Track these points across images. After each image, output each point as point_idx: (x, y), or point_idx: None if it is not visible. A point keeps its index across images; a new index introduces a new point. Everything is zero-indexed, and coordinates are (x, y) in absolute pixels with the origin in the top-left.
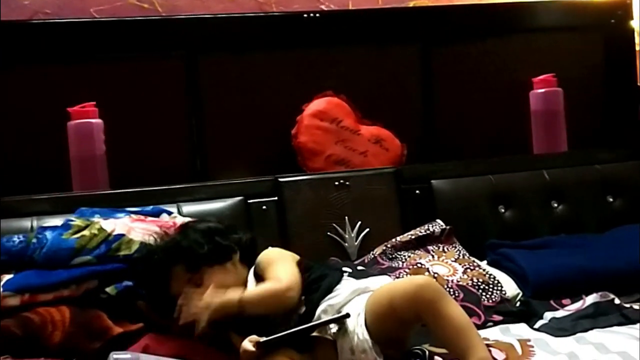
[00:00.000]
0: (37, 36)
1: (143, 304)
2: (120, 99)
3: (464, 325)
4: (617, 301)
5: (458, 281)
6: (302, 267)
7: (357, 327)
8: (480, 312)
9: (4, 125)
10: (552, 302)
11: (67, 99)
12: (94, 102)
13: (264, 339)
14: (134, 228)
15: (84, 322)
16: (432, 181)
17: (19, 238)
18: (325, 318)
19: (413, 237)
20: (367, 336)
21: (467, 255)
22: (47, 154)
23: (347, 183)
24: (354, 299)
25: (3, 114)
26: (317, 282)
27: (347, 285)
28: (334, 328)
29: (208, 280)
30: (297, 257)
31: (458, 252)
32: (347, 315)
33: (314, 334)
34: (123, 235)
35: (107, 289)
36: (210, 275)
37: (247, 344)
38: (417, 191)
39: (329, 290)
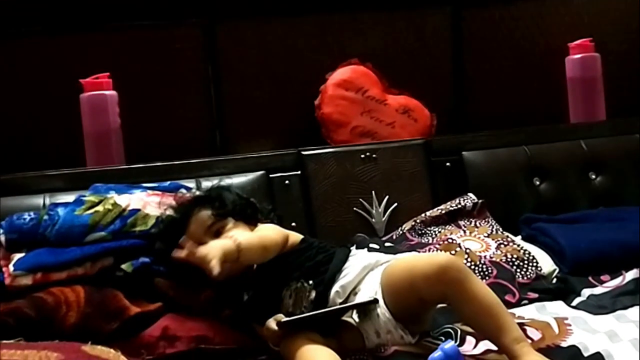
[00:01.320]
0: (48, 4)
1: (162, 281)
2: (135, 70)
3: (493, 304)
4: None
5: (491, 257)
6: (304, 245)
7: (378, 307)
8: (515, 290)
9: (14, 98)
10: (590, 278)
11: (79, 70)
12: (108, 73)
13: (286, 318)
14: (150, 202)
15: (99, 302)
16: (464, 153)
17: (30, 215)
18: (339, 301)
19: (443, 211)
20: (389, 316)
21: (501, 230)
22: (59, 128)
23: (374, 156)
24: (366, 277)
25: (13, 87)
26: (324, 264)
27: (355, 263)
28: (355, 314)
29: (228, 232)
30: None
31: (491, 227)
32: (376, 301)
33: (343, 318)
34: (139, 210)
35: (123, 267)
36: (232, 228)
37: (271, 323)
38: (448, 163)
39: (338, 270)
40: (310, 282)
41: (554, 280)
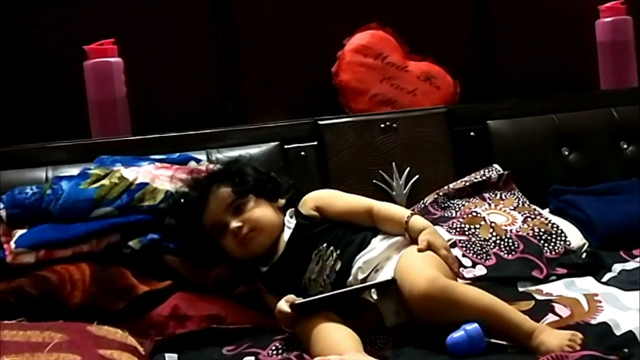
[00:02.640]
0: None
1: (172, 258)
2: (141, 35)
3: (490, 307)
4: None
5: (518, 231)
6: None
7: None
8: (543, 265)
9: (15, 66)
10: (621, 253)
11: (83, 36)
12: (113, 39)
13: (301, 300)
14: (159, 176)
15: (106, 280)
16: (488, 122)
17: (32, 189)
18: (361, 276)
19: (467, 183)
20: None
21: (528, 202)
22: (62, 97)
23: (395, 125)
24: (392, 256)
25: (14, 54)
26: (349, 235)
27: (380, 240)
28: (374, 292)
29: (249, 211)
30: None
31: (517, 199)
32: (394, 281)
33: (362, 296)
34: (147, 183)
35: (131, 243)
36: (253, 206)
37: (283, 305)
38: (472, 133)
39: (363, 243)
40: (338, 251)
41: (584, 255)
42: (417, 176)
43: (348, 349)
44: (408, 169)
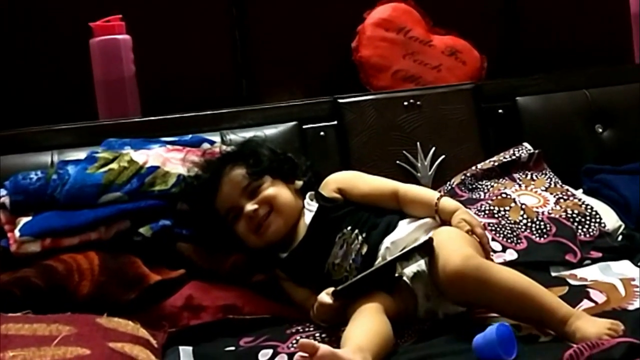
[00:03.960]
0: None
1: (185, 245)
2: (150, 11)
3: (525, 289)
4: None
5: (550, 213)
6: None
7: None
8: (576, 248)
9: (17, 45)
10: None
11: (88, 12)
12: (120, 15)
13: (341, 286)
14: (170, 159)
15: (115, 270)
16: (517, 98)
17: (37, 174)
18: (389, 256)
19: (496, 163)
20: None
21: (560, 183)
22: (67, 77)
23: (419, 103)
24: (421, 237)
25: (15, 32)
26: (374, 218)
27: (407, 222)
28: (407, 271)
29: (265, 192)
30: None
31: (549, 179)
32: (429, 242)
33: (397, 274)
34: (158, 167)
35: (141, 230)
36: (269, 187)
37: (325, 297)
38: (500, 110)
39: (390, 226)
40: (364, 234)
41: (620, 238)
42: (442, 156)
43: (355, 344)
44: (433, 149)
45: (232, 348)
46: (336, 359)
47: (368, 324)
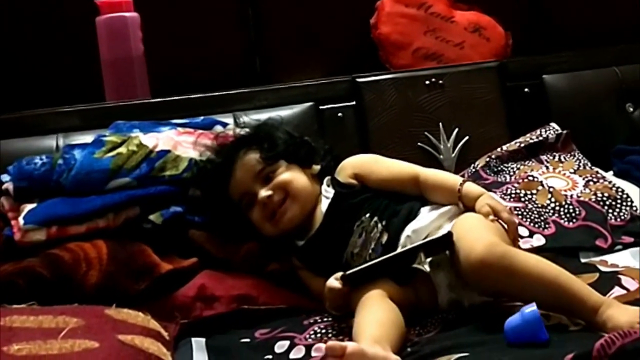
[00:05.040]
0: None
1: (197, 233)
2: None
3: (554, 277)
4: None
5: (579, 196)
6: None
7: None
8: (607, 233)
9: (20, 24)
10: None
11: None
12: None
13: (350, 270)
14: (181, 142)
15: (124, 259)
16: (544, 76)
17: (41, 159)
18: (406, 247)
19: (522, 145)
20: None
21: (589, 165)
22: (72, 57)
23: (441, 82)
24: (444, 226)
25: (18, 11)
26: (394, 205)
27: (429, 210)
28: (427, 261)
29: (280, 177)
30: None
31: (578, 161)
32: (450, 236)
33: (415, 265)
34: (168, 151)
35: (152, 217)
36: (285, 172)
37: (333, 282)
38: (526, 89)
39: (411, 214)
40: (384, 222)
41: None
42: (466, 137)
43: (370, 337)
44: (456, 130)
45: (247, 340)
46: (364, 355)
47: (377, 313)
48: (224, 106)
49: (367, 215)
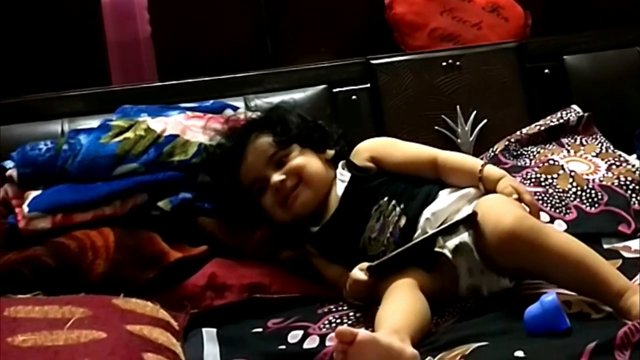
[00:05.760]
0: None
1: (207, 220)
2: None
3: (581, 257)
4: None
5: (601, 180)
6: None
7: (472, 244)
8: (630, 218)
9: (24, 5)
10: None
11: None
12: None
13: (376, 262)
14: (190, 127)
15: (132, 247)
16: (565, 57)
17: (46, 145)
18: (430, 231)
19: (543, 128)
20: (478, 258)
21: (612, 148)
22: (78, 39)
23: (458, 63)
24: (463, 209)
25: None
26: (412, 189)
27: (448, 193)
28: (449, 244)
29: (293, 162)
30: None
31: (600, 144)
32: (475, 216)
33: (436, 249)
34: (177, 136)
35: (160, 204)
36: (298, 156)
37: (358, 273)
38: (546, 70)
39: (429, 197)
40: (402, 205)
41: None
42: (484, 121)
43: (390, 326)
44: (474, 113)
45: (259, 330)
46: (376, 344)
47: (402, 302)
48: (235, 89)
49: (385, 199)
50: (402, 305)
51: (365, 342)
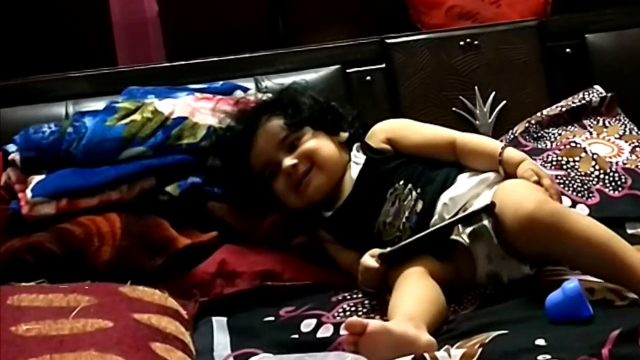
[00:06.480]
0: None
1: (217, 205)
2: None
3: (605, 242)
4: None
5: (624, 163)
6: None
7: (491, 230)
8: None
9: None
10: None
11: None
12: None
13: (388, 249)
14: (199, 109)
15: (139, 233)
16: (587, 35)
17: (50, 128)
18: (447, 216)
19: (564, 109)
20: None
21: (636, 130)
22: (82, 19)
23: (476, 42)
24: (482, 194)
25: None
26: (429, 172)
27: (467, 177)
28: (467, 231)
29: (305, 145)
30: None
31: (623, 126)
32: (493, 206)
33: (453, 236)
34: (185, 118)
35: (168, 189)
36: (310, 139)
37: (369, 260)
38: (568, 49)
39: (447, 181)
40: (418, 189)
41: None
42: (503, 102)
43: (404, 313)
44: (493, 93)
45: (271, 318)
46: (388, 334)
47: (416, 289)
48: (245, 70)
49: (401, 182)
50: (415, 292)
51: (376, 332)
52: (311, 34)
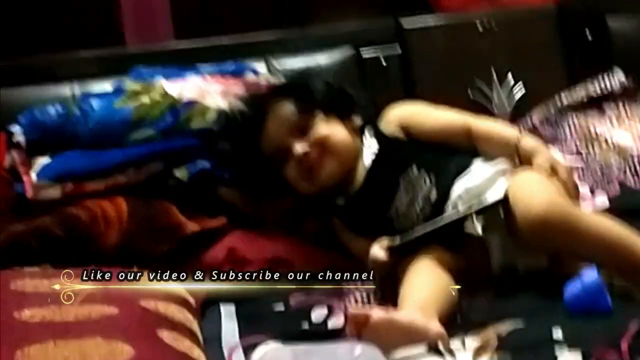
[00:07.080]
0: None
1: (226, 190)
2: None
3: (619, 238)
4: None
5: None
6: None
7: (504, 221)
8: None
9: None
10: None
11: None
12: None
13: (397, 242)
14: (210, 91)
15: (146, 218)
16: (607, 18)
17: (56, 109)
18: (462, 207)
19: (584, 95)
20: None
21: None
22: None
23: (494, 26)
24: (497, 183)
25: None
26: (444, 158)
27: (482, 165)
28: (480, 223)
29: (317, 130)
30: None
31: None
32: (505, 201)
33: (465, 229)
34: (195, 101)
35: (177, 173)
36: (322, 124)
37: (378, 252)
38: (587, 32)
39: (462, 167)
40: (432, 176)
41: None
42: (521, 86)
43: (414, 303)
44: (511, 77)
45: (281, 307)
46: (393, 324)
47: (426, 278)
48: (256, 51)
49: (414, 168)
50: (425, 282)
51: (380, 323)
52: (323, 14)
